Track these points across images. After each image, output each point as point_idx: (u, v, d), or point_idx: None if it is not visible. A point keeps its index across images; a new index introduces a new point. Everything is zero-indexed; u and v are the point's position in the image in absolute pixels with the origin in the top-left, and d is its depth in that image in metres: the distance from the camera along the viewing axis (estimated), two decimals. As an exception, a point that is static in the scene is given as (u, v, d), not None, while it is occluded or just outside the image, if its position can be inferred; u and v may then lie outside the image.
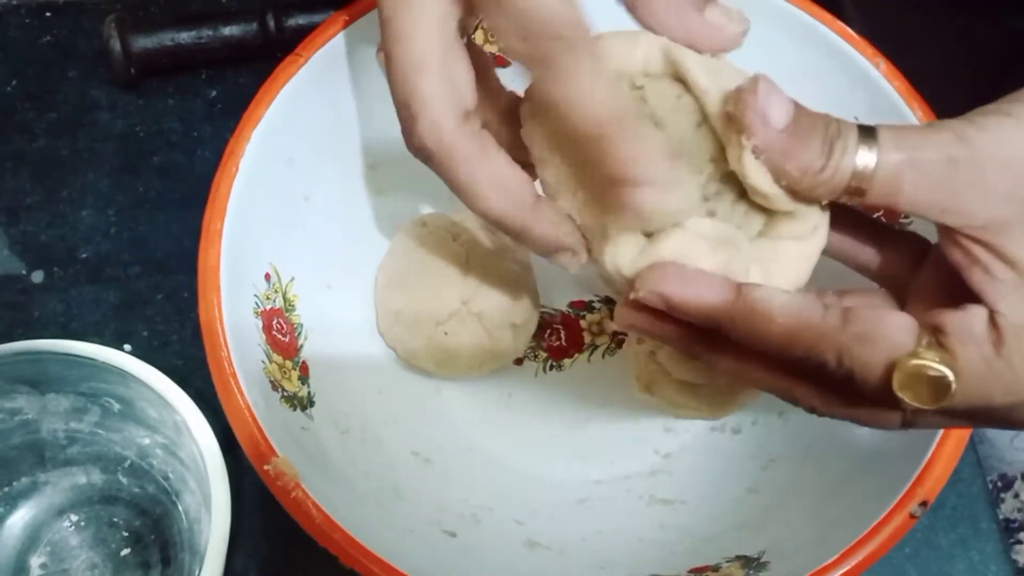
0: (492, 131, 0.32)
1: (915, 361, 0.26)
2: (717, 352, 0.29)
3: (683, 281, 0.28)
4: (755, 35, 0.43)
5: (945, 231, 0.28)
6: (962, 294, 0.27)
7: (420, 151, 0.31)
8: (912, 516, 0.33)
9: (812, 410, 0.29)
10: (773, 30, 0.42)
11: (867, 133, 0.27)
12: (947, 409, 0.26)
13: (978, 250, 0.27)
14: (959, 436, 0.35)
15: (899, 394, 0.26)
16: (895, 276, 0.32)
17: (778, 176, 0.28)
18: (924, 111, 0.39)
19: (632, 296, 0.29)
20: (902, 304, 0.31)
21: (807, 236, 0.30)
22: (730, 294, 0.28)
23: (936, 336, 0.26)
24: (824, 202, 0.28)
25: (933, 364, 0.26)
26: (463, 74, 0.30)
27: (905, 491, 0.34)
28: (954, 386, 0.26)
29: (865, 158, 0.27)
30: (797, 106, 0.28)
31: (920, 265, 0.31)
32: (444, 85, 0.30)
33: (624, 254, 0.30)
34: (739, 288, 0.28)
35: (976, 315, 0.26)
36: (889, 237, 0.32)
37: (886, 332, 0.26)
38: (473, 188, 0.31)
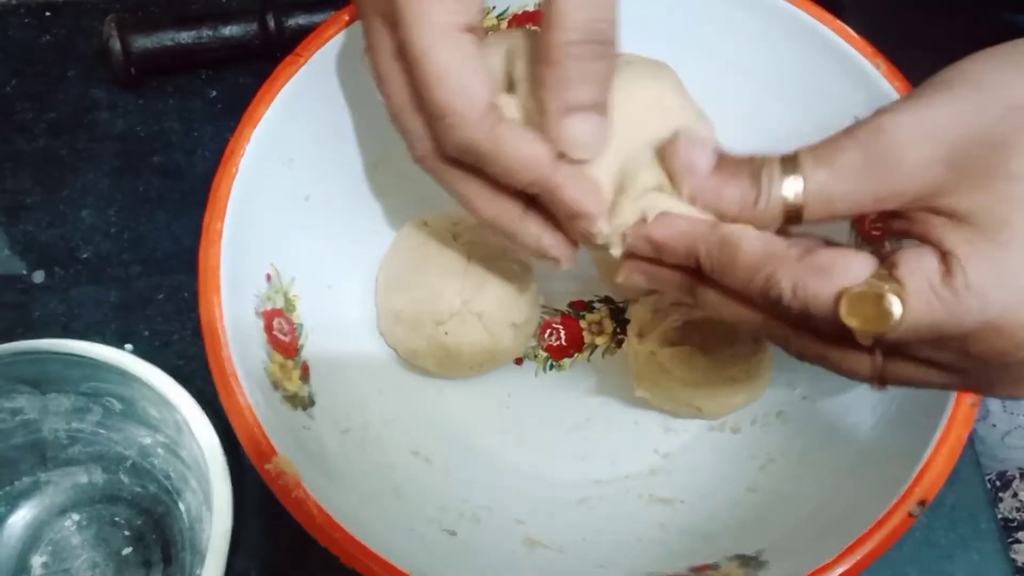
0: None
1: (863, 287, 0.27)
2: (704, 286, 0.31)
3: (665, 223, 0.31)
4: (755, 34, 0.43)
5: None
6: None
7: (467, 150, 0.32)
8: (911, 515, 0.33)
9: (796, 354, 0.31)
10: (773, 29, 0.42)
11: (790, 160, 0.29)
12: (901, 341, 0.27)
13: (918, 215, 0.28)
14: (958, 435, 0.35)
15: (845, 320, 0.27)
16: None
17: (720, 215, 0.30)
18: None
19: (627, 246, 0.32)
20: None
21: None
22: (705, 228, 0.30)
23: (889, 270, 0.27)
24: (772, 230, 0.30)
25: (877, 286, 0.27)
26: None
27: (904, 490, 0.34)
28: (898, 309, 0.26)
29: (793, 184, 0.28)
30: (720, 153, 0.30)
31: None
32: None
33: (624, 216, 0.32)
34: (714, 224, 0.30)
35: (927, 251, 0.27)
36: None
37: (843, 263, 0.27)
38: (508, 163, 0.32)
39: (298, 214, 0.41)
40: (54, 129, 0.51)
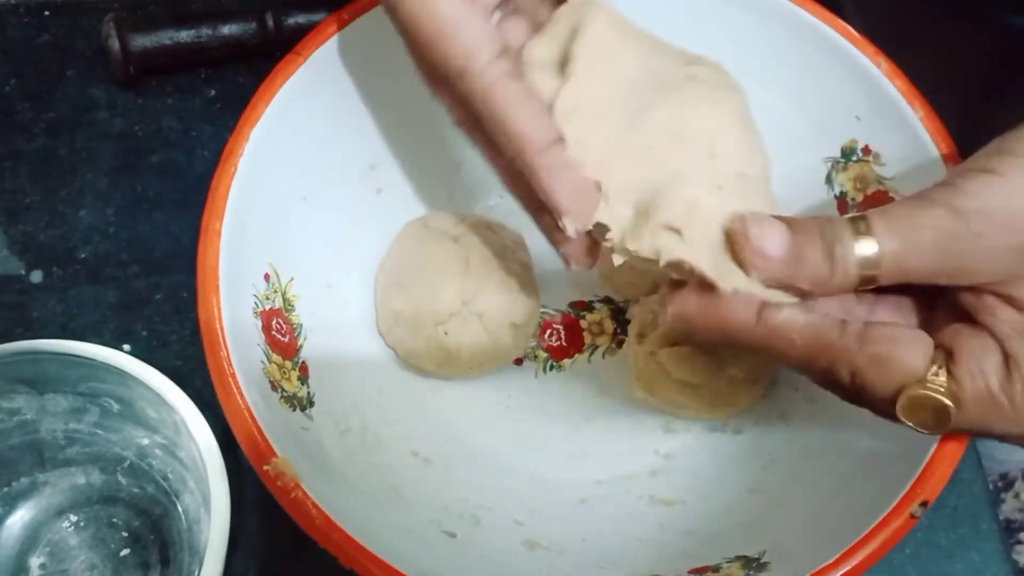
0: None
1: (921, 391, 0.27)
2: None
3: (706, 305, 0.30)
4: (756, 34, 0.43)
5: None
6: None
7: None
8: (912, 516, 0.33)
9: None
10: (774, 29, 0.42)
11: (859, 223, 0.28)
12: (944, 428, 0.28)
13: (986, 297, 0.28)
14: (959, 436, 0.35)
15: (902, 417, 0.28)
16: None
17: (795, 294, 0.29)
18: (925, 110, 0.39)
19: (667, 320, 0.31)
20: (931, 309, 0.31)
21: None
22: (752, 317, 0.29)
23: (948, 361, 0.27)
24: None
25: (938, 395, 0.27)
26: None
27: (906, 491, 0.34)
28: (955, 415, 0.27)
29: (865, 249, 0.28)
30: (789, 225, 0.29)
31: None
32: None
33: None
34: (760, 311, 0.29)
35: (990, 348, 0.27)
36: None
37: (899, 355, 0.27)
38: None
39: (297, 214, 0.41)
40: (53, 129, 0.50)
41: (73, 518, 0.41)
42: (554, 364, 0.46)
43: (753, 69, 0.43)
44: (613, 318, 0.47)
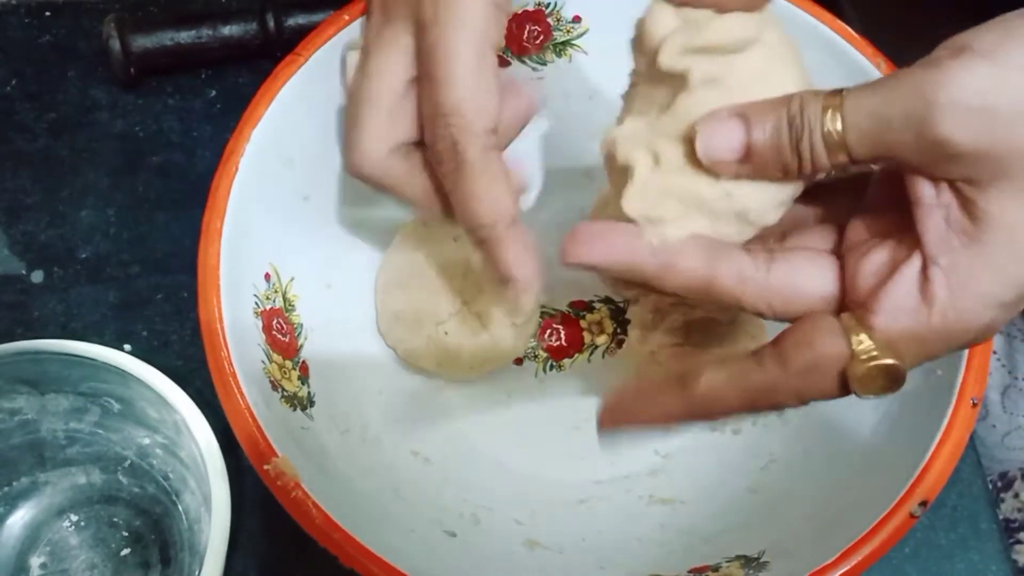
0: None
1: (860, 368, 0.26)
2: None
3: (637, 404, 0.30)
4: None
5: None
6: (900, 228, 0.27)
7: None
8: (912, 516, 0.33)
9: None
10: (773, 30, 0.42)
11: (832, 99, 0.26)
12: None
13: (947, 195, 0.26)
14: (959, 436, 0.35)
15: (863, 395, 0.27)
16: (832, 220, 0.31)
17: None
18: (924, 111, 0.39)
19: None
20: (839, 239, 0.30)
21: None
22: (680, 402, 0.29)
23: (865, 314, 0.27)
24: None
25: (876, 362, 0.26)
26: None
27: (905, 491, 0.34)
28: (903, 363, 0.26)
29: (831, 124, 0.26)
30: (745, 119, 0.27)
31: (856, 204, 0.31)
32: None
33: None
34: (685, 389, 0.29)
35: (902, 285, 0.26)
36: (823, 192, 0.32)
37: (822, 353, 0.27)
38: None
39: (297, 214, 0.41)
40: (54, 129, 0.51)
41: (74, 518, 0.41)
42: (554, 364, 0.46)
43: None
44: (613, 318, 0.47)
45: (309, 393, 0.39)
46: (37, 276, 0.47)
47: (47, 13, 0.53)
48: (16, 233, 0.48)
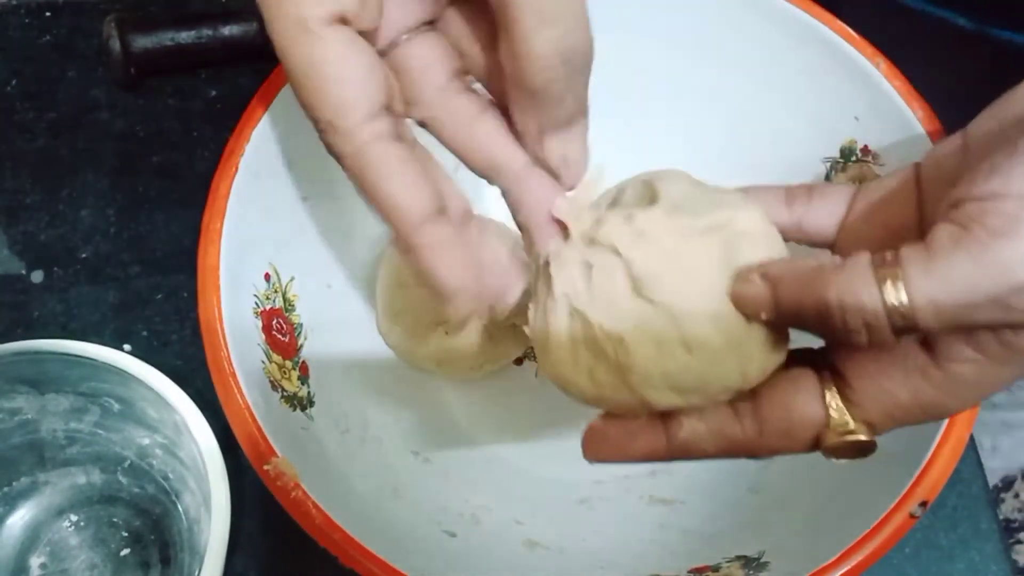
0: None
1: (833, 440, 0.27)
2: None
3: (621, 440, 0.30)
4: (755, 34, 0.43)
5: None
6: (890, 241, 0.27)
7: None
8: (912, 516, 0.33)
9: None
10: (772, 29, 0.42)
11: (887, 270, 0.24)
12: None
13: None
14: (959, 436, 0.35)
15: (834, 460, 0.28)
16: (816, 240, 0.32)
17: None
18: (924, 111, 0.39)
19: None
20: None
21: None
22: (661, 442, 0.29)
23: (841, 386, 0.27)
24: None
25: (848, 438, 0.27)
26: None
27: (905, 491, 0.34)
28: (877, 436, 0.27)
29: (893, 297, 0.24)
30: (773, 284, 0.26)
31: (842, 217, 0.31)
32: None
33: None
34: (666, 434, 0.29)
35: (895, 379, 0.26)
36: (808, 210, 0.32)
37: (799, 418, 0.27)
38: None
39: (297, 214, 0.41)
40: (54, 129, 0.51)
41: (73, 518, 0.41)
42: (554, 364, 0.46)
43: (752, 69, 0.43)
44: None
45: (309, 393, 0.39)
46: (37, 276, 0.47)
47: (47, 13, 0.53)
48: (16, 233, 0.48)
